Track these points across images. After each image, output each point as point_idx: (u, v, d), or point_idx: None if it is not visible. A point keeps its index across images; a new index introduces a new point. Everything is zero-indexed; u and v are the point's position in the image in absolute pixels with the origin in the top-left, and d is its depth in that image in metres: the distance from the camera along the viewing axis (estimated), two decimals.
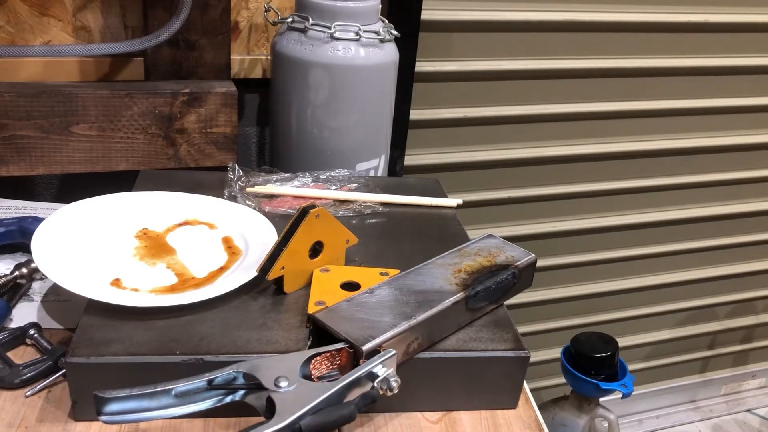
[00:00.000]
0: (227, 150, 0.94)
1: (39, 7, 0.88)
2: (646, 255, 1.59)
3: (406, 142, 1.18)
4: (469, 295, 0.60)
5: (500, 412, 0.61)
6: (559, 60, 1.27)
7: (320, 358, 0.51)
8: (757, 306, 1.85)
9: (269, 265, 0.60)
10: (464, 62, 1.22)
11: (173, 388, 0.47)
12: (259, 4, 0.98)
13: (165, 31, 0.86)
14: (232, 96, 0.91)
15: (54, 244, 0.64)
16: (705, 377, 1.95)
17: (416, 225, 0.79)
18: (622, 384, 1.17)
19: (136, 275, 0.63)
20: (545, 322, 1.62)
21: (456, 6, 1.17)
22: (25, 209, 0.85)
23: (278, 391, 0.47)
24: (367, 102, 0.90)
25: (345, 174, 0.86)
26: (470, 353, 0.58)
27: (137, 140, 0.90)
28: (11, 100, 0.83)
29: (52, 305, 0.69)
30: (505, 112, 1.27)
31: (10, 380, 0.58)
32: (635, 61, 1.32)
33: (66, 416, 0.55)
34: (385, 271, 0.64)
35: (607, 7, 1.25)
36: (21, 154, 0.86)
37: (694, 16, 1.31)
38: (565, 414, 1.26)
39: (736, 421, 2.01)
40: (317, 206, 0.62)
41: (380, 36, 0.87)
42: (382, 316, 0.56)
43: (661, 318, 1.74)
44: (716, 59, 1.38)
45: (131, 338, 0.55)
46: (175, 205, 0.75)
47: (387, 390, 0.50)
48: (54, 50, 0.87)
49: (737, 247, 1.68)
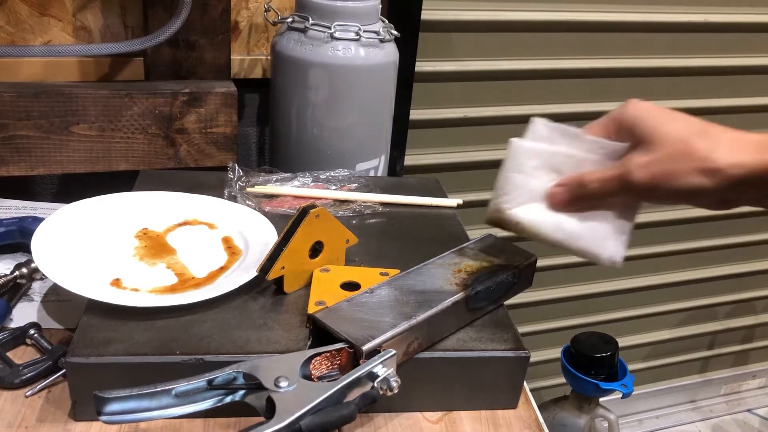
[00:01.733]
0: (227, 150, 0.94)
1: (39, 7, 0.88)
2: (646, 255, 1.59)
3: (406, 142, 1.18)
4: (469, 295, 0.60)
5: (500, 412, 0.61)
6: (559, 60, 1.27)
7: (320, 358, 0.51)
8: (757, 306, 1.85)
9: (269, 265, 0.60)
10: (464, 62, 1.22)
11: (173, 388, 0.47)
12: (259, 4, 0.98)
13: (165, 31, 0.86)
14: (232, 96, 0.91)
15: (54, 244, 0.64)
16: (705, 377, 1.95)
17: (416, 225, 0.79)
18: (622, 384, 1.17)
19: (136, 275, 0.63)
20: (545, 322, 1.62)
21: (456, 6, 1.17)
22: (25, 209, 0.85)
23: (278, 391, 0.47)
24: (367, 102, 0.90)
25: (345, 174, 0.86)
26: (470, 353, 0.58)
27: (137, 140, 0.90)
28: (11, 100, 0.83)
29: (52, 305, 0.69)
30: (505, 112, 1.27)
31: (10, 380, 0.58)
32: (635, 61, 1.32)
33: (66, 416, 0.55)
34: (385, 271, 0.64)
35: (607, 7, 1.25)
36: (21, 154, 0.86)
37: (694, 16, 1.31)
38: (565, 414, 1.27)
39: (736, 421, 2.01)
40: (317, 206, 0.62)
41: (380, 36, 0.87)
42: (382, 316, 0.56)
43: (661, 318, 1.74)
44: (716, 59, 1.38)
45: (131, 338, 0.55)
46: (175, 205, 0.75)
47: (387, 390, 0.50)
48: (54, 50, 0.87)
49: (737, 247, 1.68)
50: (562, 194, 0.53)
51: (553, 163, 0.53)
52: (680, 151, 0.49)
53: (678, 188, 0.49)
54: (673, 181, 0.49)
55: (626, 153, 0.51)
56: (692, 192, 0.49)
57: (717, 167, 0.48)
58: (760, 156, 0.47)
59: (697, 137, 0.49)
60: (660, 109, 0.52)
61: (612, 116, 0.53)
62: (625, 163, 0.51)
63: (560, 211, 0.54)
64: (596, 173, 0.52)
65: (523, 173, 0.53)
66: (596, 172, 0.52)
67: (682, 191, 0.49)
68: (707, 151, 0.48)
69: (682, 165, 0.49)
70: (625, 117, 0.52)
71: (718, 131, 0.49)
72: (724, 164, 0.48)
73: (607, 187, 0.51)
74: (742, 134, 0.49)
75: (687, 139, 0.49)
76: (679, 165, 0.49)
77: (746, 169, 0.48)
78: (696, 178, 0.49)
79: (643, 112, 0.51)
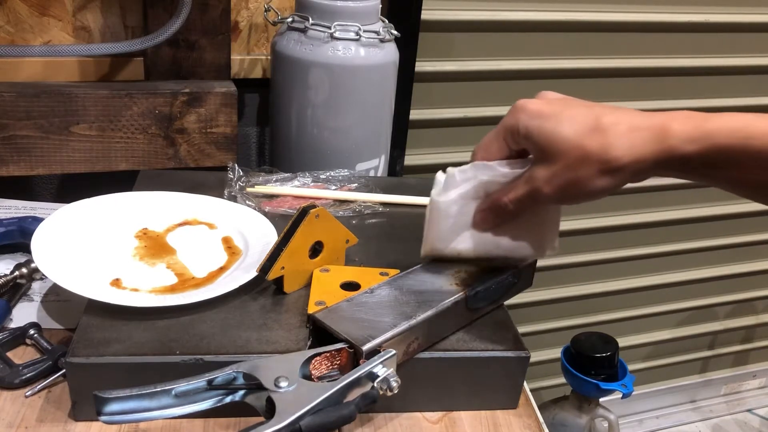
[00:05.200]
0: (227, 150, 0.94)
1: (39, 7, 0.88)
2: (646, 255, 1.59)
3: (406, 142, 1.18)
4: (469, 295, 0.60)
5: (500, 412, 0.61)
6: (559, 60, 1.27)
7: (320, 358, 0.51)
8: (757, 306, 1.85)
9: (269, 265, 0.60)
10: (464, 62, 1.22)
11: (173, 388, 0.47)
12: (259, 4, 0.98)
13: (165, 31, 0.86)
14: (232, 96, 0.91)
15: (54, 244, 0.64)
16: (705, 377, 1.95)
17: (416, 225, 0.79)
18: (622, 384, 1.17)
19: (136, 275, 0.63)
20: (545, 322, 1.62)
21: (456, 6, 1.17)
22: (25, 209, 0.85)
23: (278, 391, 0.47)
24: (367, 102, 0.90)
25: (345, 174, 0.86)
26: (470, 353, 0.58)
27: (137, 140, 0.90)
28: (11, 100, 0.83)
29: (52, 305, 0.69)
30: (505, 112, 1.27)
31: (10, 380, 0.58)
32: (635, 61, 1.32)
33: (66, 416, 0.55)
34: (385, 271, 0.64)
35: (607, 7, 1.25)
36: (21, 154, 0.86)
37: (694, 16, 1.31)
38: (565, 414, 1.26)
39: (736, 421, 2.01)
40: (317, 206, 0.62)
41: (380, 36, 0.87)
42: (382, 316, 0.56)
43: (661, 318, 1.74)
44: (716, 59, 1.38)
45: (131, 338, 0.55)
46: (175, 205, 0.75)
47: (387, 390, 0.50)
48: (54, 50, 0.87)
49: (737, 247, 1.68)
50: (487, 219, 0.57)
51: (473, 194, 0.57)
52: (578, 157, 0.49)
53: (587, 191, 0.50)
54: (581, 187, 0.50)
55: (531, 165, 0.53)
56: (601, 191, 0.50)
57: (617, 166, 0.48)
58: (658, 146, 0.47)
59: (590, 137, 0.48)
60: (547, 107, 0.52)
61: (506, 126, 0.54)
62: (531, 178, 0.52)
63: (488, 231, 0.58)
64: (510, 193, 0.54)
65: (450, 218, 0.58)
66: (510, 192, 0.54)
67: (592, 193, 0.50)
68: (604, 152, 0.48)
69: (583, 171, 0.49)
70: (518, 129, 0.53)
71: (611, 122, 0.49)
72: (624, 162, 0.48)
73: (523, 204, 0.54)
74: (635, 119, 0.48)
75: (581, 141, 0.49)
76: (581, 172, 0.49)
77: (647, 163, 0.48)
78: (600, 180, 0.49)
79: (532, 120, 0.52)
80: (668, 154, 0.47)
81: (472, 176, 0.57)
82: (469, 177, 0.57)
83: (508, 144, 0.54)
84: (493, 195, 0.56)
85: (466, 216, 0.58)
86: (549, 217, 0.59)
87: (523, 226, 0.58)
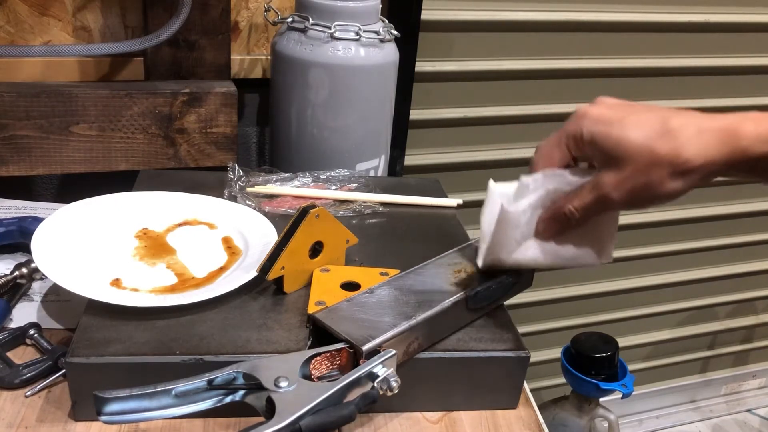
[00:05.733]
0: (227, 150, 0.94)
1: (39, 7, 0.88)
2: (646, 255, 1.59)
3: (406, 142, 1.18)
4: (469, 295, 0.60)
5: (500, 412, 0.61)
6: (559, 60, 1.27)
7: (320, 358, 0.51)
8: (757, 306, 1.85)
9: (269, 265, 0.60)
10: (464, 62, 1.22)
11: (173, 388, 0.47)
12: (259, 4, 0.98)
13: (165, 31, 0.86)
14: (232, 96, 0.91)
15: (54, 244, 0.64)
16: (705, 377, 1.95)
17: (416, 225, 0.79)
18: (622, 384, 1.17)
19: (136, 275, 0.63)
20: (545, 322, 1.62)
21: (456, 6, 1.17)
22: (25, 209, 0.85)
23: (278, 391, 0.47)
24: (367, 102, 0.90)
25: (345, 174, 0.86)
26: (470, 353, 0.58)
27: (137, 140, 0.90)
28: (11, 100, 0.83)
29: (52, 305, 0.69)
30: (505, 112, 1.27)
31: (10, 380, 0.58)
32: (635, 61, 1.32)
33: (66, 416, 0.55)
34: (385, 271, 0.64)
35: (607, 7, 1.25)
36: (21, 154, 0.86)
37: (694, 16, 1.31)
38: (565, 414, 1.26)
39: (736, 421, 2.01)
40: (317, 206, 0.62)
41: (380, 36, 0.87)
42: (382, 316, 0.56)
43: (661, 318, 1.74)
44: (716, 59, 1.38)
45: (131, 338, 0.55)
46: (175, 205, 0.75)
47: (387, 390, 0.50)
48: (54, 50, 0.87)
49: (737, 247, 1.68)
50: (551, 228, 0.57)
51: (540, 204, 0.57)
52: (648, 161, 0.49)
53: (658, 195, 0.50)
54: (652, 191, 0.50)
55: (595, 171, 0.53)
56: (672, 194, 0.50)
57: (689, 168, 0.49)
58: (729, 147, 0.48)
59: (660, 141, 0.49)
60: (610, 112, 0.52)
61: (568, 133, 0.54)
62: (598, 185, 0.52)
63: (551, 240, 0.57)
64: (575, 201, 0.54)
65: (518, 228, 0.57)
66: (574, 200, 0.54)
67: (663, 196, 0.50)
68: (675, 155, 0.48)
69: (654, 175, 0.49)
70: (581, 135, 0.52)
71: (679, 124, 0.49)
72: (696, 164, 0.48)
73: (590, 211, 0.53)
74: (703, 122, 0.49)
75: (651, 145, 0.49)
76: (652, 175, 0.49)
77: (718, 164, 0.48)
78: (671, 183, 0.49)
79: (596, 125, 0.52)
80: (740, 155, 0.48)
81: (541, 185, 0.56)
82: (539, 186, 0.56)
83: (570, 151, 0.54)
84: (557, 204, 0.55)
85: (531, 225, 0.57)
86: (608, 225, 0.58)
87: (584, 234, 0.58)
